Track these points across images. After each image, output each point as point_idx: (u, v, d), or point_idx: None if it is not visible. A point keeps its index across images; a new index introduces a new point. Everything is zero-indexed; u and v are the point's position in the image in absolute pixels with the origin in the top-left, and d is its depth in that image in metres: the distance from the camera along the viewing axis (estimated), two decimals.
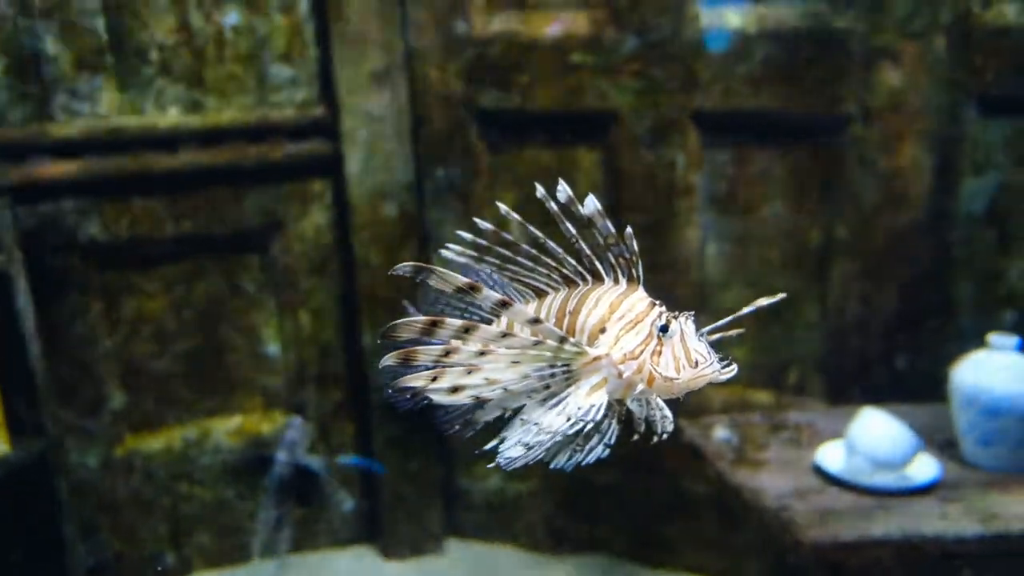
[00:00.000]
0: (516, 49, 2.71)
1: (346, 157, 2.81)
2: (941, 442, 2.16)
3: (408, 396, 0.90)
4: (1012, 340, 2.04)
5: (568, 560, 3.03)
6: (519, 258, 0.96)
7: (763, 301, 0.89)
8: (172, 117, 2.65)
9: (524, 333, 0.88)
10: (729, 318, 0.91)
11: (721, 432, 2.33)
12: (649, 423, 0.95)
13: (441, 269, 0.82)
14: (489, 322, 0.96)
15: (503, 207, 0.94)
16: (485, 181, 2.87)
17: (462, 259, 0.96)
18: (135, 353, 2.83)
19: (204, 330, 2.89)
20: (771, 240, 2.73)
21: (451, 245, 0.97)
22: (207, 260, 2.84)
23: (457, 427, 0.95)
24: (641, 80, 2.65)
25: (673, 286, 2.71)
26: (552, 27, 2.67)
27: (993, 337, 2.06)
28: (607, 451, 0.90)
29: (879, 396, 2.48)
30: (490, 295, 0.82)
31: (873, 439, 1.99)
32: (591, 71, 2.67)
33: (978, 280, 2.71)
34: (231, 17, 2.64)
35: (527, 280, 0.98)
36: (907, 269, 2.65)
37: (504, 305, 0.83)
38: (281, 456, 2.94)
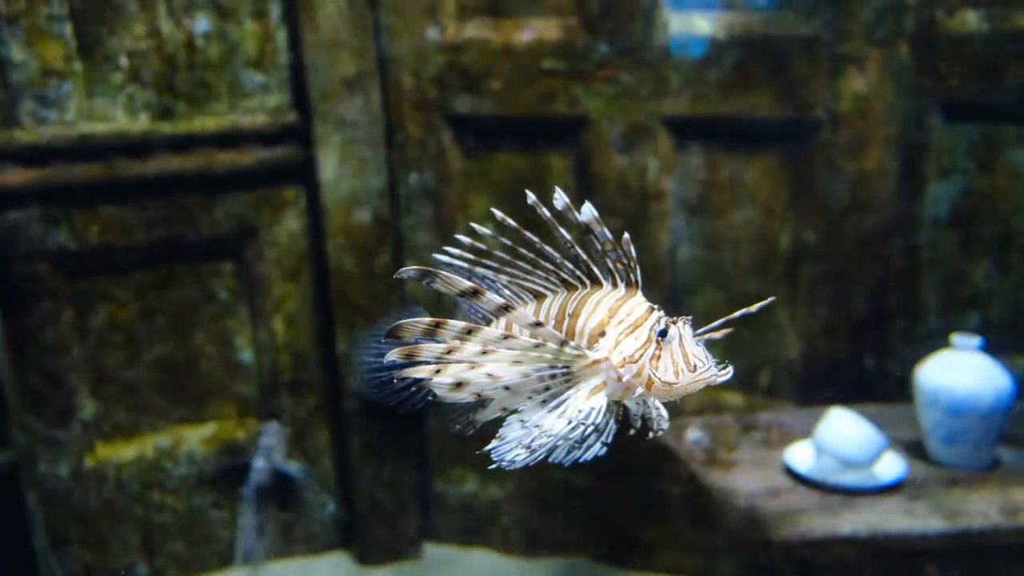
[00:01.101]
0: (489, 55, 2.72)
1: (319, 163, 2.80)
2: (907, 441, 2.20)
3: (412, 392, 0.93)
4: (974, 340, 2.08)
5: (544, 563, 3.04)
6: (517, 261, 0.97)
7: (754, 307, 0.91)
8: (142, 124, 2.64)
9: (524, 336, 0.89)
10: (720, 321, 0.93)
11: (693, 434, 2.35)
12: (645, 421, 0.97)
13: (445, 273, 0.84)
14: (489, 323, 0.98)
15: (498, 213, 0.96)
16: (458, 186, 2.88)
17: (459, 263, 0.97)
18: (106, 362, 2.80)
19: (176, 338, 2.87)
20: (742, 244, 2.76)
21: (448, 248, 0.98)
22: (179, 267, 2.82)
23: (458, 427, 0.96)
24: (613, 86, 2.67)
25: (645, 289, 2.73)
26: (524, 33, 2.69)
27: (956, 338, 2.10)
28: (604, 449, 0.91)
29: (848, 397, 2.52)
30: (493, 299, 0.85)
31: (840, 439, 2.03)
32: (563, 77, 2.69)
33: (944, 282, 2.76)
34: (202, 23, 2.63)
35: (524, 283, 0.99)
36: (874, 272, 2.70)
37: (507, 309, 0.85)
38: (259, 462, 2.92)
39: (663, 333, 0.89)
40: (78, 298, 2.73)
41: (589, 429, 0.88)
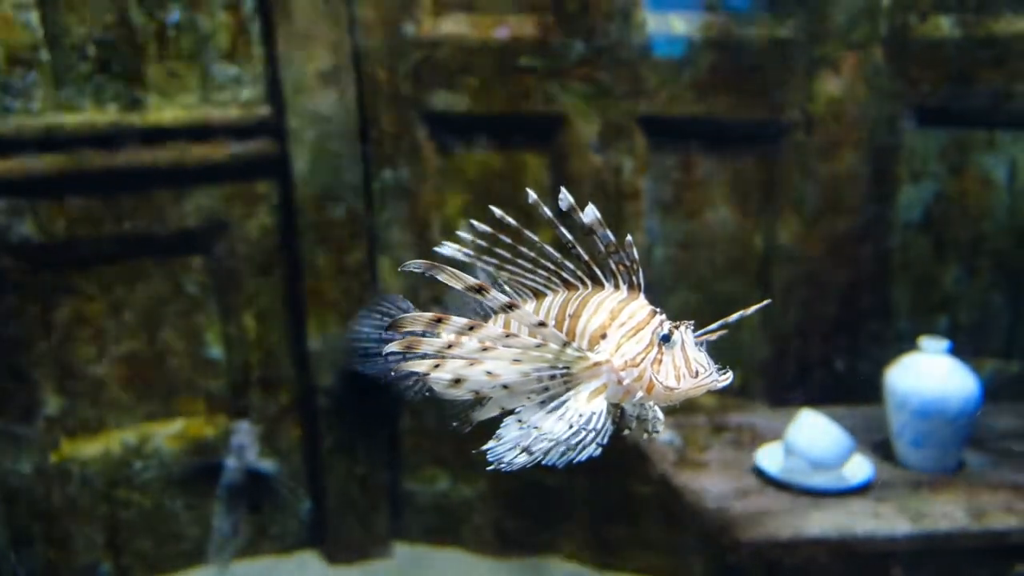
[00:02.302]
0: (464, 52, 2.71)
1: (293, 157, 2.77)
2: (876, 443, 2.21)
3: (410, 383, 0.92)
4: (942, 343, 2.10)
5: (515, 563, 3.03)
6: (518, 259, 0.96)
7: (749, 309, 0.91)
8: (111, 115, 2.59)
9: (525, 335, 0.89)
10: (718, 323, 0.92)
11: (665, 434, 2.35)
12: (640, 421, 0.96)
13: (451, 268, 0.83)
14: (486, 319, 0.97)
15: (497, 211, 0.94)
16: (434, 183, 2.86)
17: (460, 255, 0.95)
18: (72, 356, 2.75)
19: (144, 333, 2.82)
20: (716, 244, 2.77)
21: (448, 243, 0.96)
22: (148, 261, 2.78)
23: (455, 424, 0.95)
24: (589, 84, 2.66)
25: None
26: (500, 30, 2.67)
27: (924, 341, 2.11)
28: (600, 450, 0.90)
29: (820, 399, 2.54)
30: (497, 296, 0.84)
31: (810, 441, 2.04)
32: (539, 75, 2.68)
33: (915, 285, 2.78)
34: (173, 14, 2.59)
35: (525, 281, 0.97)
36: (846, 274, 2.71)
37: (511, 307, 0.84)
38: (231, 460, 2.89)
39: (666, 338, 0.88)
40: (43, 292, 2.68)
41: (590, 434, 0.88)
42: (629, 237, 0.90)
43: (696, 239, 2.77)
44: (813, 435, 2.05)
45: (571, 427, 0.87)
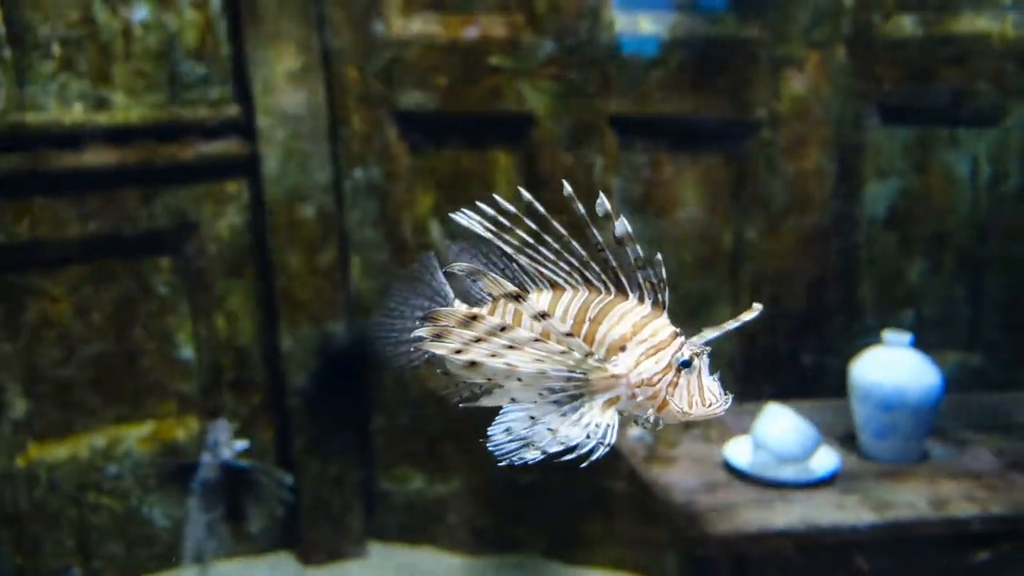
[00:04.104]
0: (434, 51, 2.71)
1: (262, 157, 2.76)
2: (842, 436, 2.25)
3: (423, 356, 0.94)
4: (905, 337, 2.13)
5: (490, 560, 3.04)
6: (541, 248, 0.95)
7: (745, 315, 0.93)
8: (76, 114, 2.56)
9: (537, 330, 0.90)
10: (719, 333, 0.93)
11: (635, 429, 2.37)
12: (636, 420, 0.97)
13: (493, 275, 0.87)
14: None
15: (526, 194, 0.93)
16: (405, 182, 2.86)
17: (477, 227, 0.94)
18: (39, 359, 2.72)
19: (113, 334, 2.79)
20: (685, 242, 2.79)
21: (467, 211, 0.95)
22: (116, 262, 2.75)
23: (458, 399, 0.96)
24: (559, 83, 2.68)
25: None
26: (470, 30, 2.68)
27: (887, 334, 2.15)
28: (607, 450, 0.92)
29: (788, 393, 2.57)
30: (532, 306, 0.86)
31: (776, 435, 2.07)
32: (509, 74, 2.69)
33: (880, 280, 2.83)
34: (139, 12, 2.56)
35: (543, 270, 0.97)
36: (813, 270, 2.75)
37: (543, 316, 0.87)
38: (207, 458, 2.85)
39: (686, 363, 0.90)
40: (8, 293, 2.64)
41: (601, 443, 0.90)
42: (659, 255, 0.90)
43: (666, 237, 2.80)
44: (780, 429, 2.08)
45: (588, 437, 0.89)
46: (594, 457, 0.89)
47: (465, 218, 0.95)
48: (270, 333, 2.92)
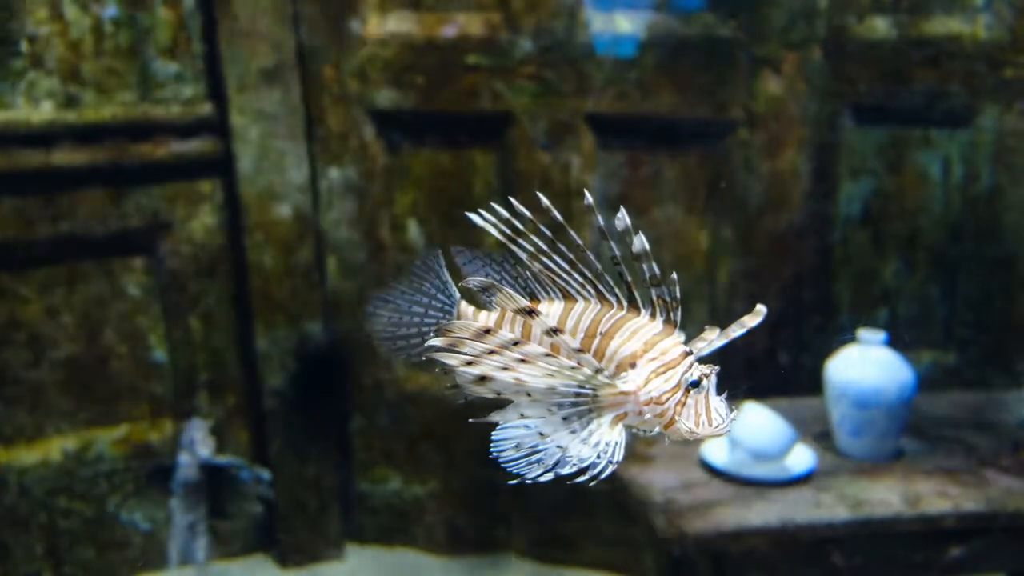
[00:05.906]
0: (411, 49, 2.69)
1: (237, 156, 2.73)
2: (818, 434, 2.26)
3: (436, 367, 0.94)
4: (879, 335, 2.15)
5: (469, 561, 3.03)
6: (555, 256, 0.94)
7: (749, 320, 0.94)
8: (45, 112, 2.52)
9: (563, 355, 0.90)
10: (722, 342, 0.93)
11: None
12: (637, 431, 0.97)
13: (507, 290, 0.90)
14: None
15: (545, 200, 0.92)
16: (381, 182, 2.84)
17: (491, 228, 0.93)
18: (8, 361, 2.67)
19: (84, 336, 2.75)
20: (662, 241, 2.80)
21: (483, 212, 0.93)
22: (87, 263, 2.71)
23: (461, 399, 0.96)
24: (536, 83, 2.67)
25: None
26: (447, 28, 2.67)
27: (862, 332, 2.17)
28: (615, 468, 0.92)
29: (765, 392, 2.58)
30: (545, 322, 0.87)
31: (753, 433, 2.07)
32: (486, 73, 2.68)
33: (855, 279, 2.86)
34: (110, 8, 2.52)
35: (556, 279, 0.96)
36: (789, 269, 2.77)
37: (555, 332, 0.87)
38: (185, 458, 2.81)
39: (695, 384, 0.90)
40: None
41: (609, 461, 0.90)
42: (674, 275, 0.90)
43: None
44: (756, 427, 2.08)
45: (598, 456, 0.89)
46: (603, 476, 0.90)
47: (480, 219, 0.94)
48: (245, 334, 2.89)
